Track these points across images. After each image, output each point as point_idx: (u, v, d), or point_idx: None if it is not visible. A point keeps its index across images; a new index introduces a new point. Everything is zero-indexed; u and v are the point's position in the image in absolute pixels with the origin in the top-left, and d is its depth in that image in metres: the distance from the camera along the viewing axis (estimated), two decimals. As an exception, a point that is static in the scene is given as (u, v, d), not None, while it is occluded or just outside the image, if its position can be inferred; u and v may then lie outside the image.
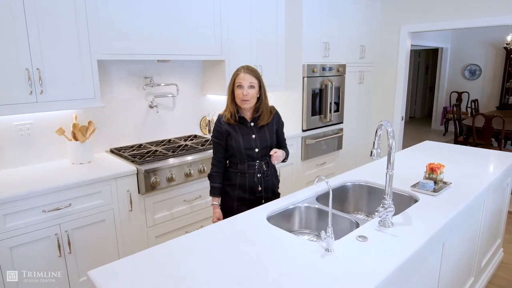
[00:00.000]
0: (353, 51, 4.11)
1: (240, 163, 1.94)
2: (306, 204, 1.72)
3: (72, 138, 2.46)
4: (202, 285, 1.10)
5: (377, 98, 4.66)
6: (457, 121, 5.65)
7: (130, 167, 2.37)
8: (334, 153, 4.13)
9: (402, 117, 4.54)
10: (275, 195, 2.05)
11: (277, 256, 1.25)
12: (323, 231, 1.21)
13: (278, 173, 2.17)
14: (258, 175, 1.94)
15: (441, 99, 8.61)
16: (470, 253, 2.10)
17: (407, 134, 7.52)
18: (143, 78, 2.92)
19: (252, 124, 1.94)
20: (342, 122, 4.09)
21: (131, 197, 2.36)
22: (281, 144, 2.06)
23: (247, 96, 1.84)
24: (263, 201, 1.96)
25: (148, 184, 2.41)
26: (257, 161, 1.93)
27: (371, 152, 1.60)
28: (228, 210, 1.99)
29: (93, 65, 2.32)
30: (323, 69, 3.66)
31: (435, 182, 1.90)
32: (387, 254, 1.26)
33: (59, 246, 2.10)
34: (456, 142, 5.45)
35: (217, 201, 2.03)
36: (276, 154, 1.89)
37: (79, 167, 2.39)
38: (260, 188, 1.96)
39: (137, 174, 2.38)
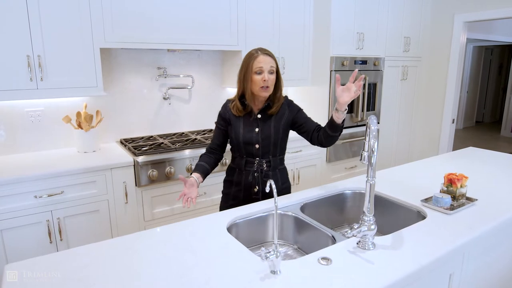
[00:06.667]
0: (395, 43, 3.66)
1: (239, 157, 1.77)
2: (282, 212, 1.48)
3: (78, 127, 2.47)
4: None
5: (425, 97, 4.12)
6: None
7: (128, 158, 2.31)
8: (367, 156, 3.72)
9: (453, 119, 3.96)
10: None
11: (211, 272, 1.04)
12: (263, 248, 0.98)
13: (288, 176, 1.86)
14: (256, 174, 1.72)
15: (515, 102, 7.51)
16: (503, 289, 1.67)
17: (469, 141, 6.68)
18: (156, 69, 2.85)
19: (259, 116, 1.71)
20: (378, 123, 3.66)
21: (126, 189, 2.30)
22: (311, 128, 1.70)
23: (268, 82, 1.60)
24: None
25: (145, 177, 2.33)
26: (257, 158, 1.71)
27: (361, 155, 1.31)
28: (222, 208, 1.82)
29: (96, 53, 2.29)
30: (355, 62, 3.30)
31: (454, 197, 1.52)
32: (346, 285, 0.98)
33: (49, 233, 2.10)
34: (525, 151, 4.65)
35: (195, 176, 1.68)
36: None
37: (82, 155, 2.39)
38: (256, 189, 1.74)
39: (134, 166, 2.31)
